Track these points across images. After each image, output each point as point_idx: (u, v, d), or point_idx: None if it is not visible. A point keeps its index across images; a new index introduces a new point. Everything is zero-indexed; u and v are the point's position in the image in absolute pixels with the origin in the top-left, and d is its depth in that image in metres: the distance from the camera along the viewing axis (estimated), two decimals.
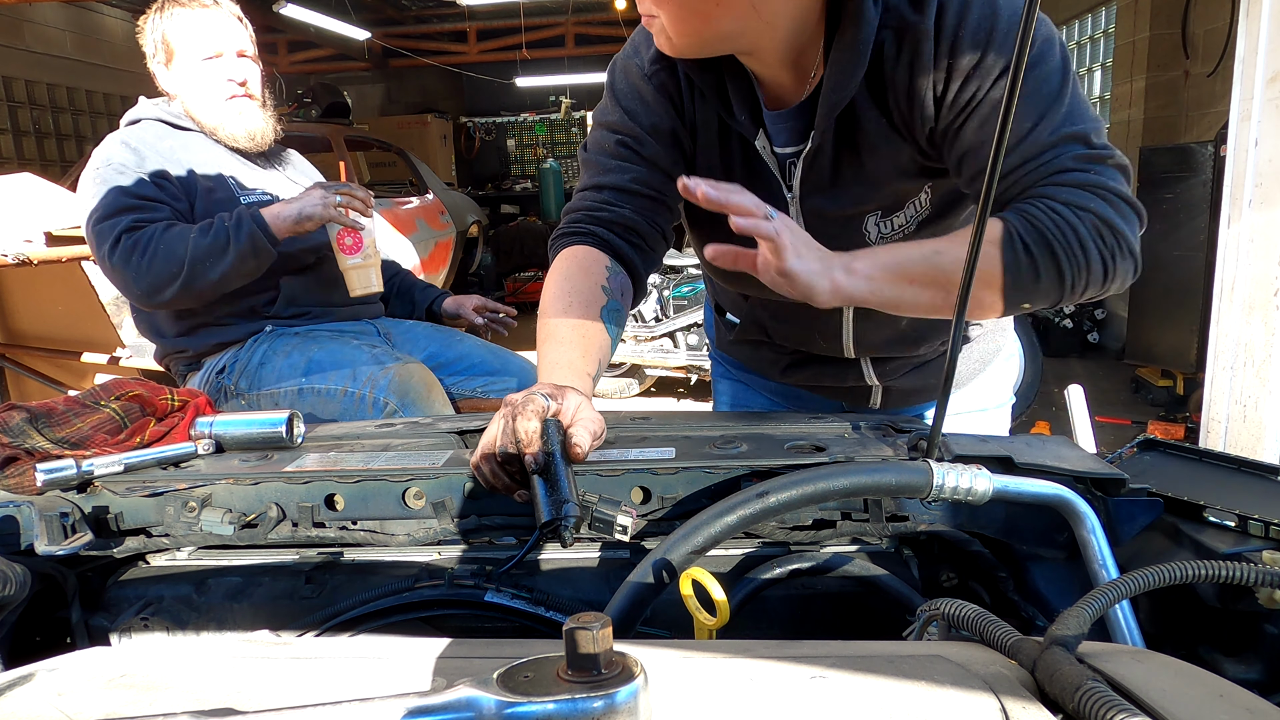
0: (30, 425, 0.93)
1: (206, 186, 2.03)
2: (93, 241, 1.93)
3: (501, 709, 0.38)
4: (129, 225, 1.88)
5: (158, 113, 2.09)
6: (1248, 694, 0.44)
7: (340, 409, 1.92)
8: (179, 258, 1.86)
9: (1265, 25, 2.86)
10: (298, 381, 1.97)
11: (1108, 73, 7.29)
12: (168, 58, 2.05)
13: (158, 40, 2.04)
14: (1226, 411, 3.13)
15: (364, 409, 1.90)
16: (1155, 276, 5.04)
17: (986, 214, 0.74)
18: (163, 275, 1.86)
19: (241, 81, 2.07)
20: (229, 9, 2.08)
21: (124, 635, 0.92)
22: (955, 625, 0.55)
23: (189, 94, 2.07)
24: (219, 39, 2.04)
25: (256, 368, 2.01)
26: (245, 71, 2.08)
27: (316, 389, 1.94)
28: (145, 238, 1.87)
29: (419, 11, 10.67)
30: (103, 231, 1.89)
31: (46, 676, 0.48)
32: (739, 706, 0.43)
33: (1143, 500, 0.80)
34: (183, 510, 0.91)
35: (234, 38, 2.06)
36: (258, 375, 2.01)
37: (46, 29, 8.73)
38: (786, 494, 0.71)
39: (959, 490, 0.74)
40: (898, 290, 0.94)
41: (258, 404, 1.98)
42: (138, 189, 1.93)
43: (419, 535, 0.91)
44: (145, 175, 1.95)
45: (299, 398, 1.95)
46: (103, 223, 1.89)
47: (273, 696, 0.45)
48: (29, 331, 3.63)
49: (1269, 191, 2.92)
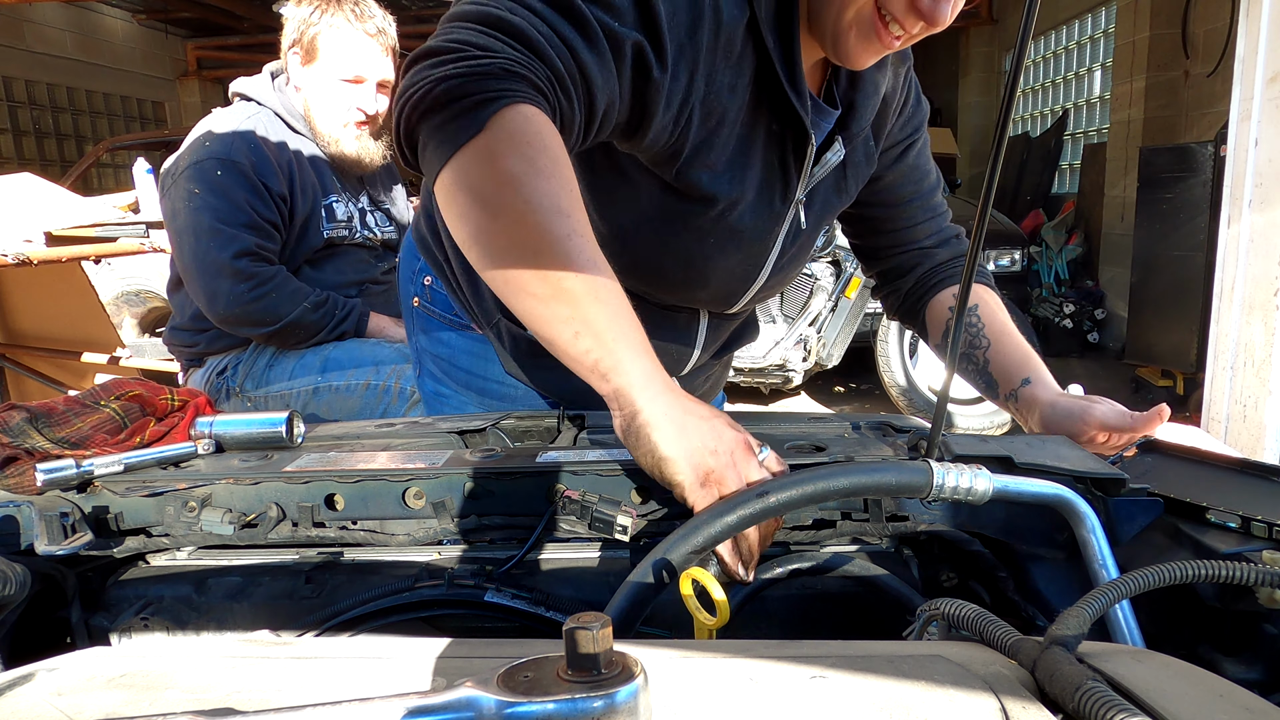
0: (30, 425, 0.93)
1: (304, 215, 2.00)
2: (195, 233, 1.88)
3: (501, 709, 0.38)
4: (250, 249, 1.87)
5: (275, 102, 2.02)
6: (1248, 694, 0.44)
7: (360, 404, 1.92)
8: (282, 315, 1.89)
9: (1265, 25, 2.86)
10: (313, 380, 1.97)
11: (1108, 73, 7.30)
12: (309, 57, 1.99)
13: (306, 35, 1.97)
14: (1226, 411, 3.14)
15: (388, 399, 1.90)
16: (1155, 276, 5.05)
17: (987, 213, 0.74)
18: (256, 318, 1.89)
19: (373, 115, 2.05)
20: (389, 40, 2.03)
21: (124, 635, 0.93)
22: (955, 625, 0.55)
23: (315, 100, 2.02)
24: (369, 67, 2.00)
25: (264, 370, 2.01)
26: (379, 106, 2.05)
27: (334, 386, 1.95)
28: (264, 277, 1.87)
29: (419, 11, 10.66)
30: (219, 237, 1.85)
31: (46, 676, 0.48)
32: (739, 706, 0.43)
33: (1143, 500, 0.80)
34: (183, 510, 0.91)
35: (382, 69, 2.03)
36: (265, 376, 2.01)
37: (46, 29, 8.73)
38: (786, 494, 0.71)
39: (959, 490, 0.74)
40: None
41: (265, 404, 1.98)
42: (260, 206, 1.90)
43: (419, 535, 0.91)
44: (267, 187, 1.91)
45: (314, 397, 1.95)
46: (221, 225, 1.85)
47: (273, 696, 0.45)
48: (29, 331, 3.63)
49: (1269, 191, 2.92)
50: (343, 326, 1.96)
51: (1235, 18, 3.25)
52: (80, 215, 3.24)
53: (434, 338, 1.33)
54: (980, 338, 1.21)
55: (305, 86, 2.03)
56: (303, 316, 1.90)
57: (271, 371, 2.01)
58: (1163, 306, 5.00)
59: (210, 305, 1.92)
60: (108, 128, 9.56)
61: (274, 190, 1.93)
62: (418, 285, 1.33)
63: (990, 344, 1.21)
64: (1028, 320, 4.60)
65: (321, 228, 2.04)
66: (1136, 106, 6.43)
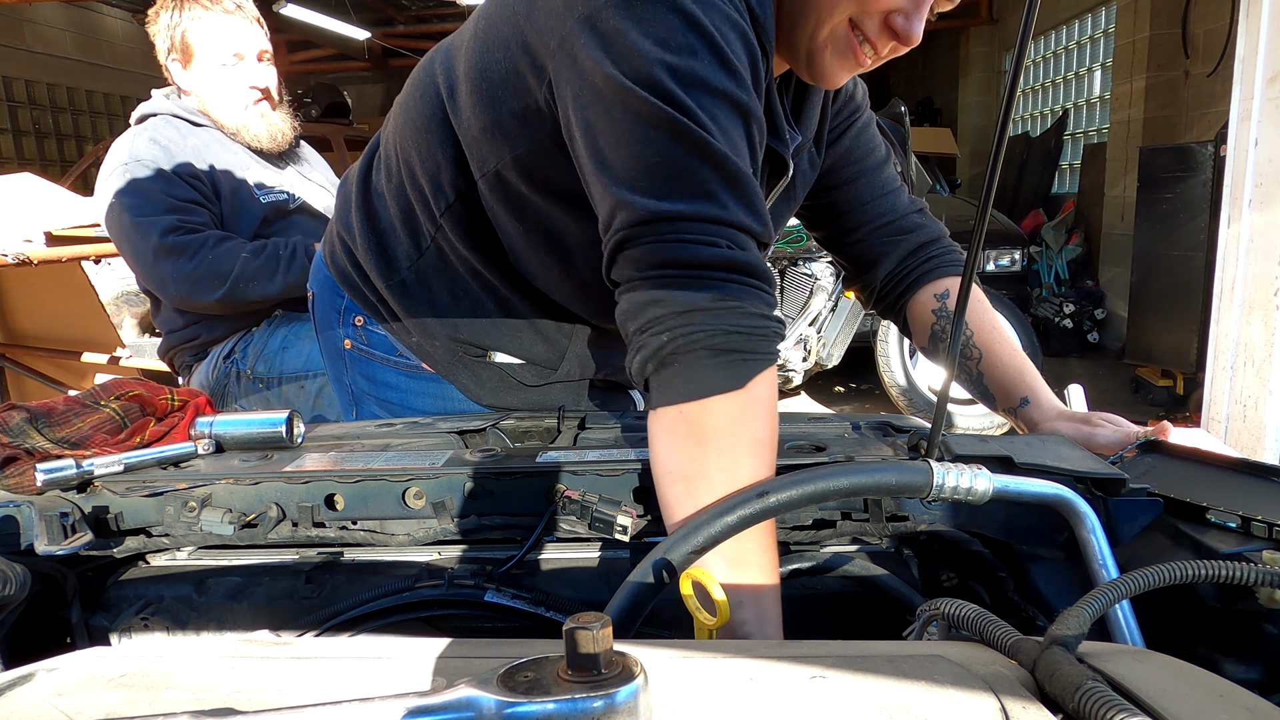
0: (30, 425, 0.93)
1: (230, 187, 2.05)
2: (126, 236, 1.94)
3: (501, 709, 0.38)
4: (172, 226, 1.91)
5: (172, 108, 2.09)
6: (1248, 694, 0.44)
7: None
8: (226, 273, 1.91)
9: (1265, 25, 2.86)
10: None
11: (1108, 73, 7.30)
12: (186, 58, 2.04)
13: (176, 38, 2.03)
14: (1226, 411, 3.14)
15: None
16: (1155, 276, 5.05)
17: (987, 213, 0.74)
18: (204, 284, 1.91)
19: (264, 88, 2.09)
20: (250, 12, 2.08)
21: (124, 635, 0.93)
22: (955, 625, 0.55)
23: (209, 96, 2.07)
24: (242, 43, 2.04)
25: (277, 351, 2.00)
26: (267, 78, 2.10)
27: None
28: (195, 244, 1.90)
29: (419, 11, 10.67)
30: (142, 228, 1.91)
31: (46, 676, 0.48)
32: (739, 706, 0.43)
33: (1143, 500, 0.80)
34: (183, 510, 0.91)
35: (256, 41, 2.07)
36: (279, 359, 1.99)
37: (46, 29, 8.74)
38: (787, 494, 0.71)
39: (959, 490, 0.74)
40: None
41: (279, 387, 1.97)
42: (173, 189, 1.95)
43: (419, 535, 0.91)
44: (177, 174, 1.96)
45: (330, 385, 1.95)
46: (141, 219, 1.91)
47: (273, 696, 0.45)
48: (29, 331, 3.62)
49: (1269, 191, 2.93)
50: (295, 265, 1.95)
51: (1235, 18, 3.25)
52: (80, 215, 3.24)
53: (377, 382, 1.25)
54: (971, 348, 1.18)
55: (195, 87, 2.08)
56: (246, 266, 1.91)
57: (285, 354, 1.99)
58: (1163, 306, 5.00)
59: (165, 292, 1.96)
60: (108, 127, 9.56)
61: (185, 172, 1.98)
62: (346, 327, 1.25)
63: (982, 354, 1.18)
64: (1027, 320, 4.59)
65: (257, 196, 2.07)
66: (1136, 106, 6.43)
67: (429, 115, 1.04)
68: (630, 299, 0.81)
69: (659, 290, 0.78)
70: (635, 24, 0.78)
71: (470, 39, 0.99)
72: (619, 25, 0.79)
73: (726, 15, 0.81)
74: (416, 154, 1.07)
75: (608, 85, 0.79)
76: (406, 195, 1.11)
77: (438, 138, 1.04)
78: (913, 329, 1.28)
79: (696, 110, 0.78)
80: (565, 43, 0.83)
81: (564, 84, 0.84)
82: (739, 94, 0.81)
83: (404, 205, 1.12)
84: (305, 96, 8.16)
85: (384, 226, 1.15)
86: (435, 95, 1.04)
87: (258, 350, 2.01)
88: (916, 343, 1.29)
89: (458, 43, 1.04)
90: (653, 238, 0.78)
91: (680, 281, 0.78)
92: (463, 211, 1.07)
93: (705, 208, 0.78)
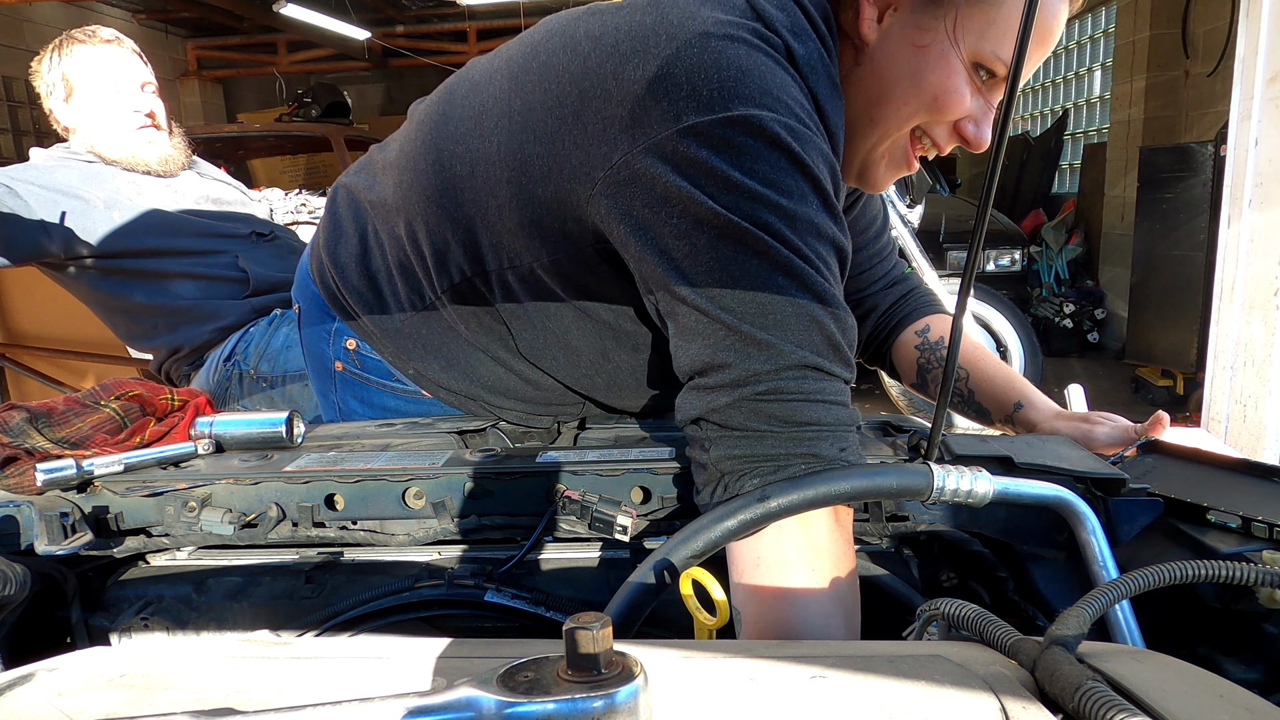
0: (30, 425, 0.93)
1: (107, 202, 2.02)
2: None
3: (501, 709, 0.38)
4: None
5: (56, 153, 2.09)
6: (1248, 694, 0.44)
7: None
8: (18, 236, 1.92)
9: (1265, 25, 2.86)
10: None
11: (1108, 73, 7.30)
12: (67, 93, 2.05)
13: (56, 79, 2.04)
14: (1226, 411, 3.14)
15: None
16: (1155, 276, 5.05)
17: (987, 213, 0.74)
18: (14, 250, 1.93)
19: (149, 113, 2.09)
20: (129, 45, 2.09)
21: (124, 635, 0.93)
22: (955, 625, 0.55)
23: (93, 127, 2.06)
24: (121, 72, 2.05)
25: (281, 350, 1.97)
26: (150, 103, 2.10)
27: None
28: None
29: (419, 11, 10.66)
30: None
31: (46, 676, 0.48)
32: (739, 706, 0.43)
33: (1143, 500, 0.80)
34: (183, 510, 0.91)
35: (136, 71, 2.08)
36: (283, 358, 1.96)
37: (46, 29, 8.73)
38: (787, 497, 0.71)
39: (959, 492, 0.74)
40: None
41: (283, 386, 1.94)
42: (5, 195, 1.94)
43: (419, 535, 0.91)
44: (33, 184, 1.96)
45: None
46: None
47: (273, 696, 0.45)
48: (29, 331, 3.62)
49: (1269, 191, 2.92)
50: None
51: (1235, 18, 3.25)
52: None
53: (373, 405, 1.20)
54: (957, 368, 1.18)
55: (79, 122, 2.07)
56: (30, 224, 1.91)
57: (289, 353, 1.96)
58: (1163, 306, 5.00)
59: None
60: None
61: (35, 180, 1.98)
62: (336, 349, 1.18)
63: (969, 373, 1.18)
64: (1027, 320, 4.58)
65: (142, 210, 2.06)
66: (1136, 106, 6.43)
67: (439, 189, 0.95)
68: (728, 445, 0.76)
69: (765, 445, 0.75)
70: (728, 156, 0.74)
71: (503, 118, 0.89)
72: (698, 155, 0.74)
73: (820, 150, 0.77)
74: (423, 221, 0.99)
75: (709, 215, 0.74)
76: (406, 252, 1.02)
77: (449, 217, 0.96)
78: (899, 369, 1.30)
79: (814, 258, 0.75)
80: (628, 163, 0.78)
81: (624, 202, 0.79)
82: (840, 237, 0.79)
83: (403, 260, 1.04)
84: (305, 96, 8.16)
85: (376, 269, 1.07)
86: (449, 168, 0.94)
87: (260, 350, 1.99)
88: (905, 382, 1.30)
89: (480, 107, 0.93)
90: (779, 386, 0.75)
91: (793, 439, 0.75)
92: (469, 293, 1.00)
93: (828, 363, 0.76)
